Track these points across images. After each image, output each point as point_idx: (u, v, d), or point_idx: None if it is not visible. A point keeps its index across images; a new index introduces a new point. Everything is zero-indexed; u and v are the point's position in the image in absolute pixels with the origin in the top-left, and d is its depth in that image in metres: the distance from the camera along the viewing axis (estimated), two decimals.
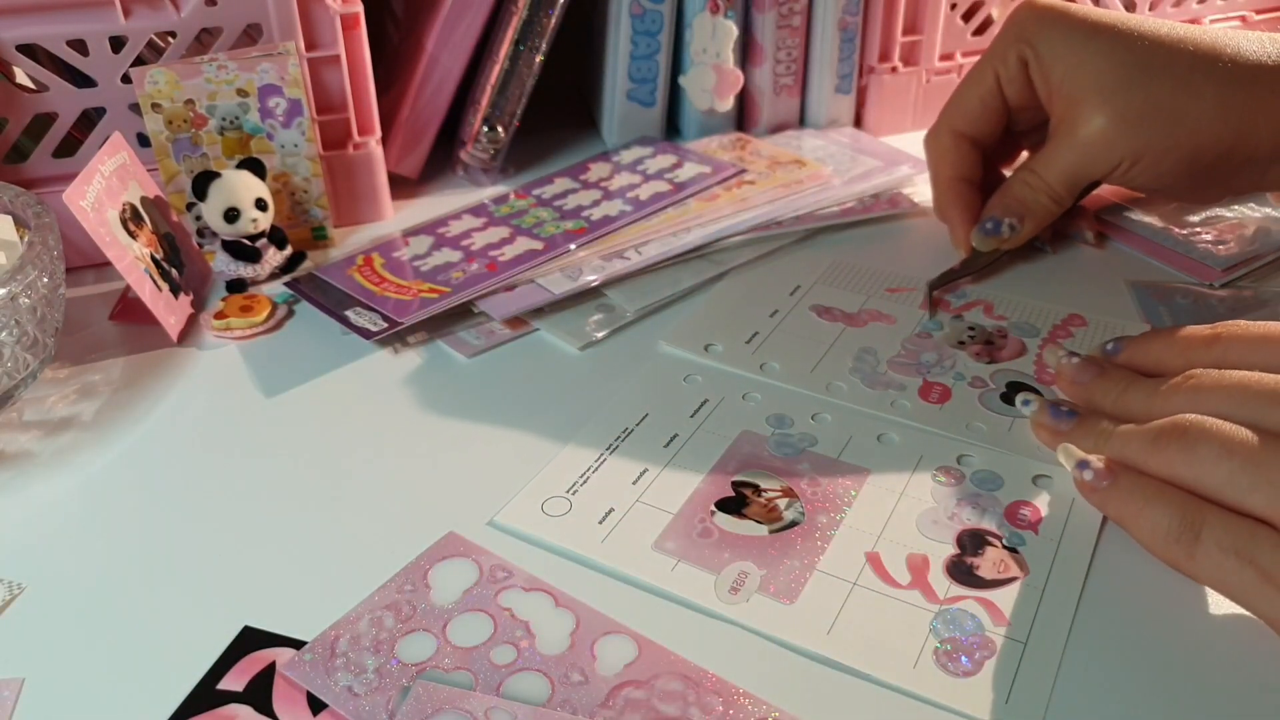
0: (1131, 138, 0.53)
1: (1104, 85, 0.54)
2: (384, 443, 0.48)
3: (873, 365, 0.52)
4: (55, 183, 0.59)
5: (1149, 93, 0.53)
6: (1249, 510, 0.36)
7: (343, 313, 0.56)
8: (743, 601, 0.39)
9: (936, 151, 0.62)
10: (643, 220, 0.64)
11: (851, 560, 0.40)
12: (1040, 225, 0.58)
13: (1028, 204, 0.58)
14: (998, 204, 0.59)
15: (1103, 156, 0.55)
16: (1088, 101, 0.54)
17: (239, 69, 0.59)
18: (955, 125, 0.61)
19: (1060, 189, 0.57)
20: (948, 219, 0.61)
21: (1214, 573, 0.37)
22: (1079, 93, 0.55)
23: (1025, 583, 0.39)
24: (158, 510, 0.45)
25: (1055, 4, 0.57)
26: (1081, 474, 0.41)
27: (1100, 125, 0.54)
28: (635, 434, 0.48)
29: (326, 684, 0.35)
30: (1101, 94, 0.54)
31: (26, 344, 0.47)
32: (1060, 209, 0.58)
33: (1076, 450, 0.42)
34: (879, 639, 0.37)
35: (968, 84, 0.61)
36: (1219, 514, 0.37)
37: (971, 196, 0.61)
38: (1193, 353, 0.44)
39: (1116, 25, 0.55)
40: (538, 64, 0.70)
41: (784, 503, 0.43)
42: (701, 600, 0.39)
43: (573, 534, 0.42)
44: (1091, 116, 0.54)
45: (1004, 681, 0.35)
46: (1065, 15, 0.56)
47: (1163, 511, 0.38)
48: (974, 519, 0.42)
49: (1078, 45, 0.55)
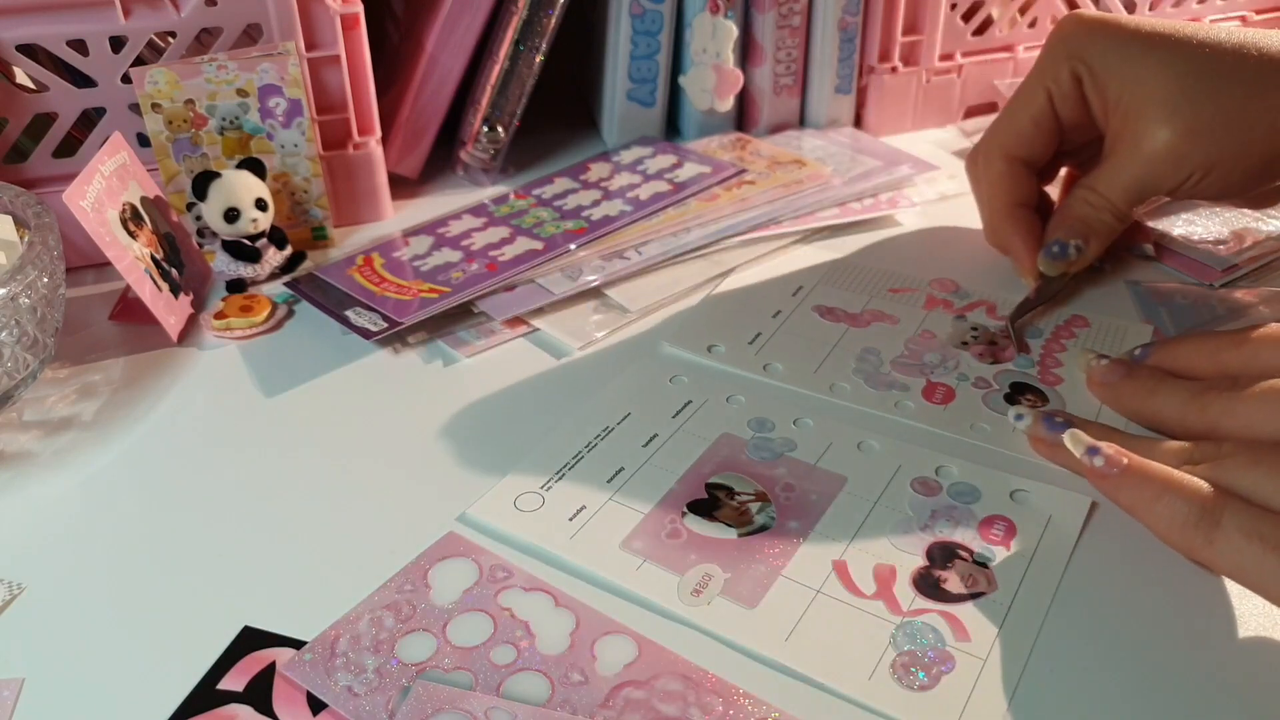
0: (1203, 150, 0.52)
1: (1168, 98, 0.52)
2: (384, 442, 0.48)
3: (875, 366, 0.52)
4: (55, 183, 0.59)
5: (1218, 103, 0.51)
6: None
7: (343, 313, 0.56)
8: (704, 604, 0.38)
9: (990, 178, 0.59)
10: (643, 220, 0.64)
11: (818, 567, 0.40)
12: (1105, 244, 0.56)
13: (1091, 223, 0.55)
14: (1060, 226, 0.56)
15: (1171, 170, 0.53)
16: (1151, 115, 0.52)
17: (239, 69, 0.59)
18: (1008, 149, 0.59)
19: (1124, 206, 0.55)
20: (1010, 247, 0.59)
21: (1234, 559, 0.36)
22: (1140, 106, 0.53)
23: (991, 599, 0.39)
24: (157, 510, 0.45)
25: (1104, 16, 0.55)
26: (1091, 460, 0.41)
27: (1166, 139, 0.52)
28: (615, 432, 0.48)
29: (326, 684, 0.35)
30: (1166, 107, 0.52)
31: (26, 344, 0.47)
32: (1123, 226, 0.56)
33: (1085, 436, 0.42)
34: (837, 648, 0.37)
35: (1017, 105, 0.58)
36: (1241, 502, 0.37)
37: (1032, 222, 0.58)
38: (1223, 355, 0.44)
39: (1173, 35, 0.53)
40: (538, 64, 0.70)
41: (756, 506, 0.43)
42: (663, 601, 0.39)
43: (542, 530, 0.42)
44: (1156, 131, 0.52)
45: (959, 698, 0.35)
46: (1118, 28, 0.54)
47: (1180, 498, 0.38)
48: (946, 531, 0.42)
49: (1134, 58, 0.53)
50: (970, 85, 0.81)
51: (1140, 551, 0.41)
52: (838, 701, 0.35)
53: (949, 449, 0.46)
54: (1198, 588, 0.39)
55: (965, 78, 0.80)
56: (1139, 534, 0.41)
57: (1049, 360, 0.52)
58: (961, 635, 0.37)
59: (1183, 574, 0.40)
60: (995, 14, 0.79)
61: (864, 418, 0.49)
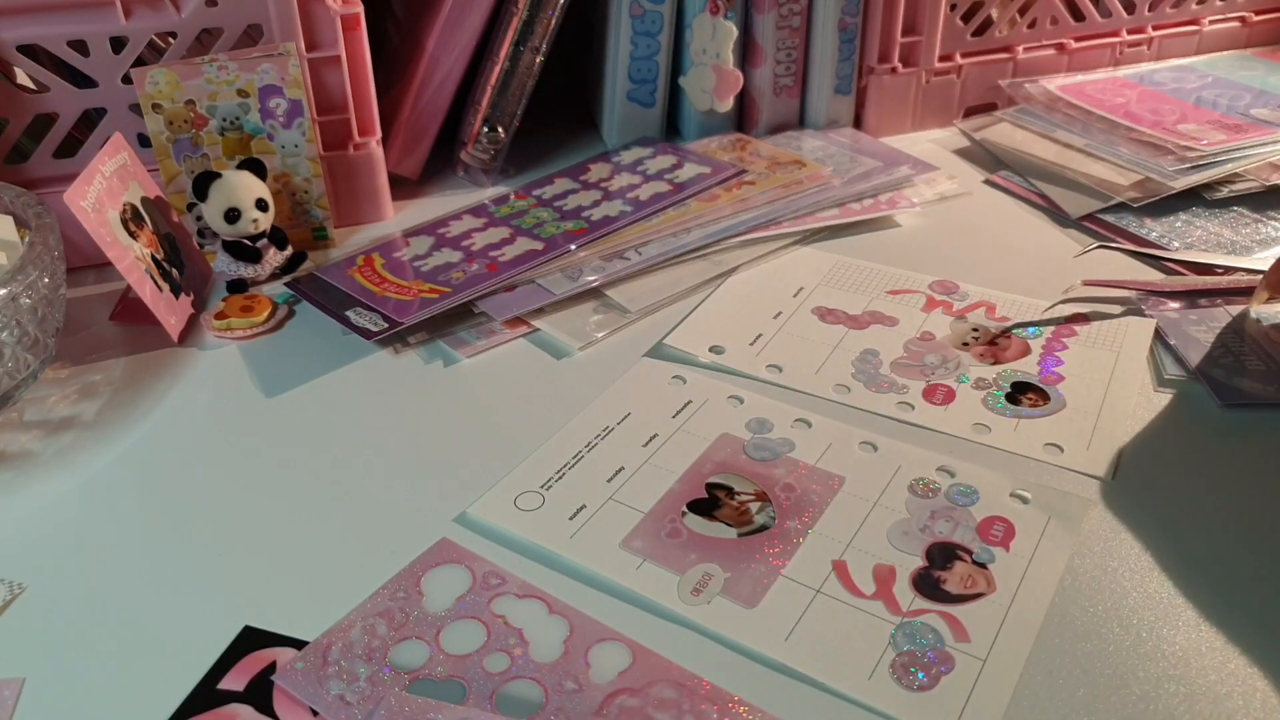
0: None
1: None
2: (384, 442, 0.48)
3: (876, 367, 0.52)
4: (56, 183, 0.59)
5: None
6: None
7: (343, 313, 0.56)
8: (704, 603, 0.39)
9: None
10: (643, 220, 0.64)
11: (818, 567, 0.40)
12: None
13: None
14: None
15: None
16: None
17: (239, 69, 0.59)
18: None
19: None
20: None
21: None
22: None
23: (991, 600, 0.39)
24: (158, 510, 0.45)
25: None
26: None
27: None
28: (615, 432, 0.48)
29: (319, 693, 0.35)
30: None
31: (27, 344, 0.47)
32: None
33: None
34: (837, 648, 0.37)
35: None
36: None
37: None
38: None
39: None
40: (538, 64, 0.70)
41: (756, 506, 0.43)
42: (663, 600, 0.39)
43: (542, 529, 0.42)
44: None
45: (958, 698, 0.35)
46: None
47: None
48: (946, 532, 0.42)
49: None
50: (970, 85, 0.81)
51: (1138, 552, 0.41)
52: (837, 701, 0.35)
53: (949, 449, 0.47)
54: (1196, 588, 0.39)
55: (965, 78, 0.80)
56: (1137, 535, 0.41)
57: (1049, 359, 0.52)
58: (961, 636, 0.37)
59: (1181, 574, 0.40)
60: (995, 14, 0.79)
61: (864, 418, 0.49)
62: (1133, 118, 0.73)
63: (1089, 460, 0.46)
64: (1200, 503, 0.43)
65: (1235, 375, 0.50)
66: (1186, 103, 0.76)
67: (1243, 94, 0.77)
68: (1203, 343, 0.53)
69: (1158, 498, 0.44)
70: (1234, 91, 0.78)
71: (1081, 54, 0.83)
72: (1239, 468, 0.45)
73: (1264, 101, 0.76)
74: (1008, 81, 0.80)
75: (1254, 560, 0.40)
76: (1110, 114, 0.74)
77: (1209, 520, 0.42)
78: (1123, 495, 0.44)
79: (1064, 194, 0.69)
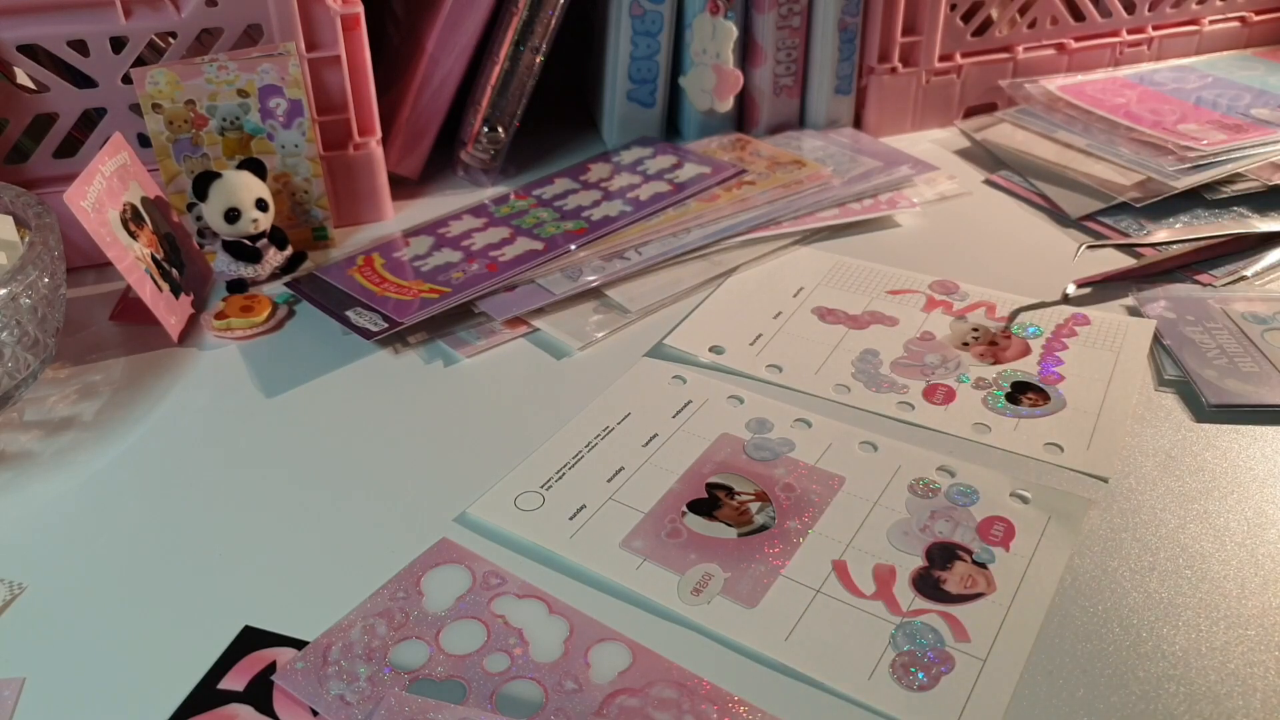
0: None
1: None
2: (384, 442, 0.48)
3: (876, 367, 0.52)
4: (56, 183, 0.59)
5: None
6: None
7: (343, 313, 0.56)
8: (704, 603, 0.39)
9: None
10: (643, 220, 0.64)
11: (818, 567, 0.40)
12: None
13: None
14: None
15: None
16: None
17: (239, 69, 0.59)
18: None
19: None
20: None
21: None
22: None
23: (991, 599, 0.39)
24: (158, 510, 0.45)
25: None
26: None
27: None
28: (615, 432, 0.48)
29: (319, 693, 0.35)
30: None
31: (27, 344, 0.47)
32: None
33: None
34: (837, 648, 0.37)
35: None
36: None
37: None
38: None
39: None
40: (538, 64, 0.70)
41: (756, 506, 0.43)
42: (663, 600, 0.39)
43: (542, 529, 0.42)
44: None
45: (958, 698, 0.35)
46: None
47: None
48: (946, 532, 0.42)
49: None
50: (970, 85, 0.81)
51: (1138, 552, 0.41)
52: (837, 701, 0.35)
53: (949, 449, 0.47)
54: (1195, 587, 0.39)
55: (965, 78, 0.80)
56: (1137, 535, 0.41)
57: (1050, 360, 0.52)
58: (961, 636, 0.37)
59: (1180, 574, 0.40)
60: (995, 14, 0.79)
61: (864, 418, 0.49)
62: (1133, 118, 0.73)
63: (1089, 460, 0.46)
64: (1200, 503, 0.43)
65: (1228, 377, 0.50)
66: (1187, 103, 0.76)
67: (1243, 94, 0.77)
68: (1198, 344, 0.53)
69: (1158, 498, 0.44)
70: (1234, 91, 0.78)
71: (1081, 54, 0.83)
72: (1239, 468, 0.45)
73: (1264, 101, 0.76)
74: (1008, 81, 0.80)
75: (1253, 560, 0.40)
76: (1110, 114, 0.74)
77: (1209, 520, 0.42)
78: (1123, 495, 0.44)
79: (1064, 194, 0.69)
